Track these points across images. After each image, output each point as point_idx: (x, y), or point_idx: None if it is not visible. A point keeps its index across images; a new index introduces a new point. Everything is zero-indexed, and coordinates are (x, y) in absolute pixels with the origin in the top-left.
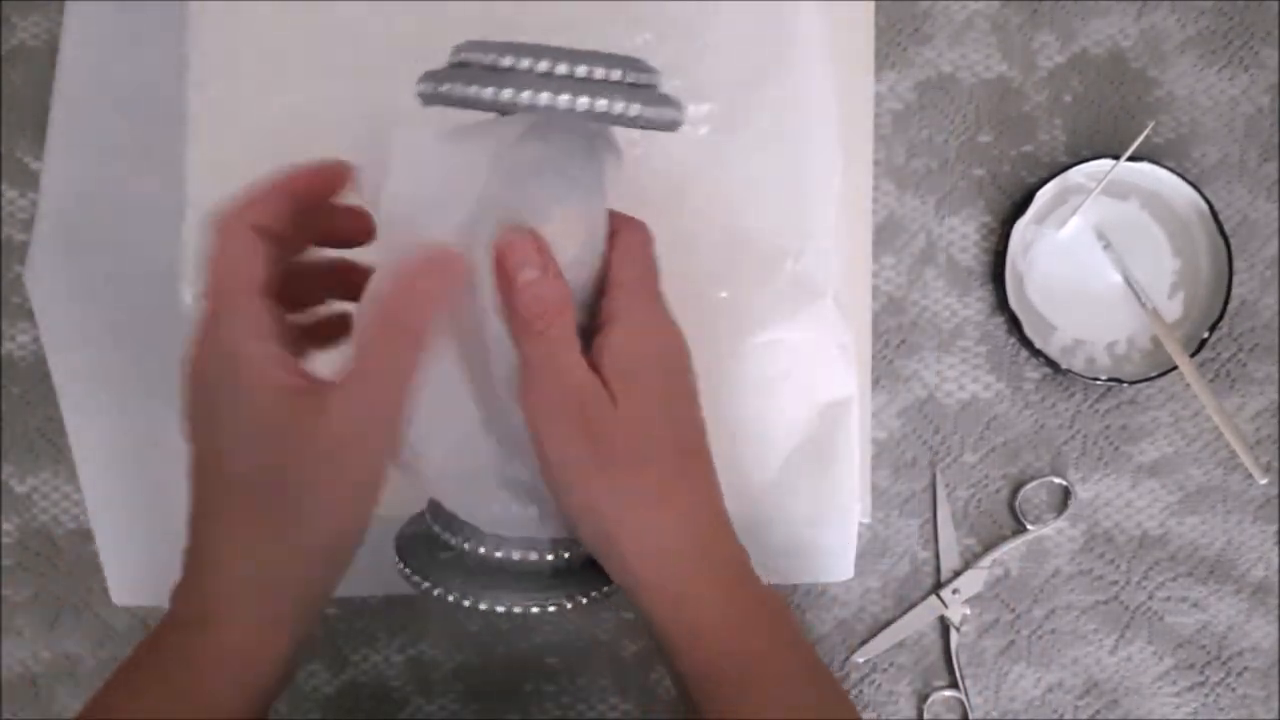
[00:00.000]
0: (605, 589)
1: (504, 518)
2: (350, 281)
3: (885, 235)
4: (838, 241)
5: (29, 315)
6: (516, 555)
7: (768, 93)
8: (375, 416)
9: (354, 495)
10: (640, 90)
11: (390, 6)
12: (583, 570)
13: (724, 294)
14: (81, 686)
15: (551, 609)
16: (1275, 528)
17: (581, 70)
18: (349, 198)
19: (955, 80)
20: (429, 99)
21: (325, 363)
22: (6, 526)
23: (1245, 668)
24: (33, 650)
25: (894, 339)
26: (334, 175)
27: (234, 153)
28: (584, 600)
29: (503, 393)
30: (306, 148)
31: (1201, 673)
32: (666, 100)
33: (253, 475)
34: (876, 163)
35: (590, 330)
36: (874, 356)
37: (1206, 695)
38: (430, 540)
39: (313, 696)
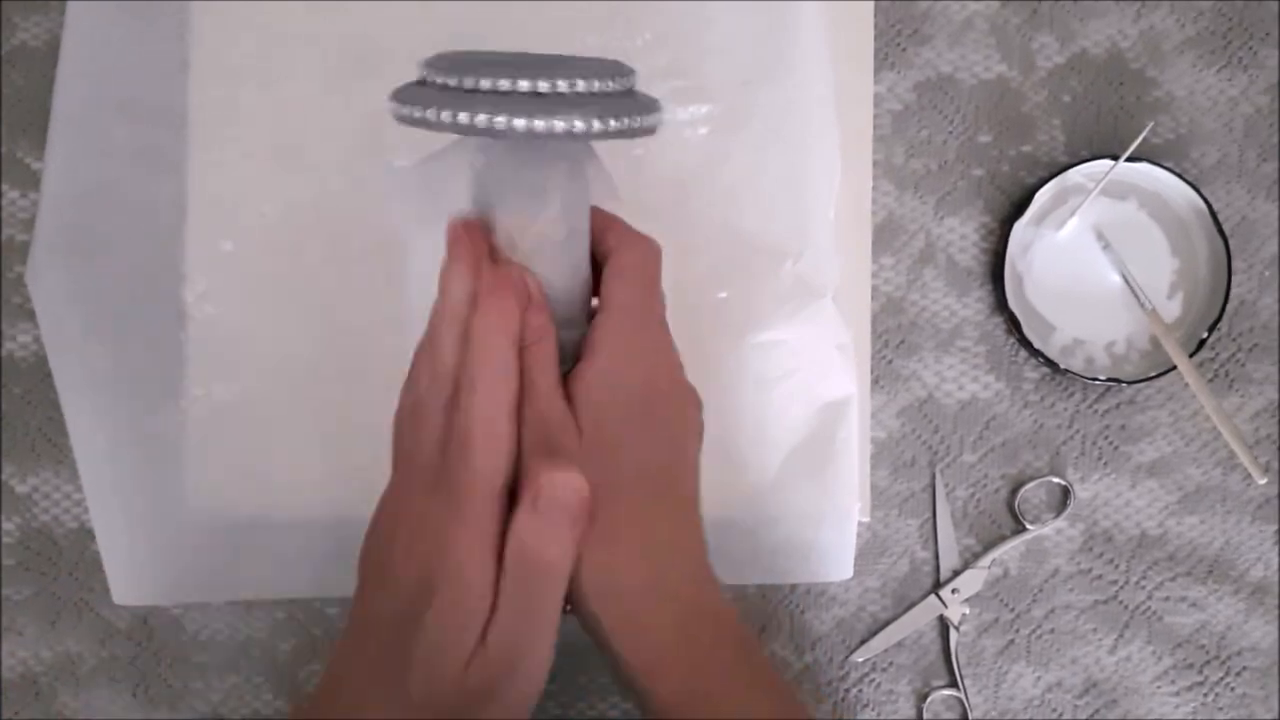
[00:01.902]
0: None
1: None
2: None
3: (885, 235)
4: (837, 241)
5: (29, 315)
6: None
7: (768, 93)
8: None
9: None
10: (611, 99)
11: (389, 7)
12: None
13: (724, 294)
14: (82, 686)
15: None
16: (1274, 528)
17: (544, 85)
18: None
19: (954, 81)
20: (399, 119)
21: None
22: (7, 526)
23: (1244, 667)
24: (33, 650)
25: (893, 339)
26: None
27: (234, 153)
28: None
29: None
30: (307, 148)
31: (1200, 672)
32: (640, 106)
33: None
34: (876, 163)
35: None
36: (874, 356)
37: (1205, 695)
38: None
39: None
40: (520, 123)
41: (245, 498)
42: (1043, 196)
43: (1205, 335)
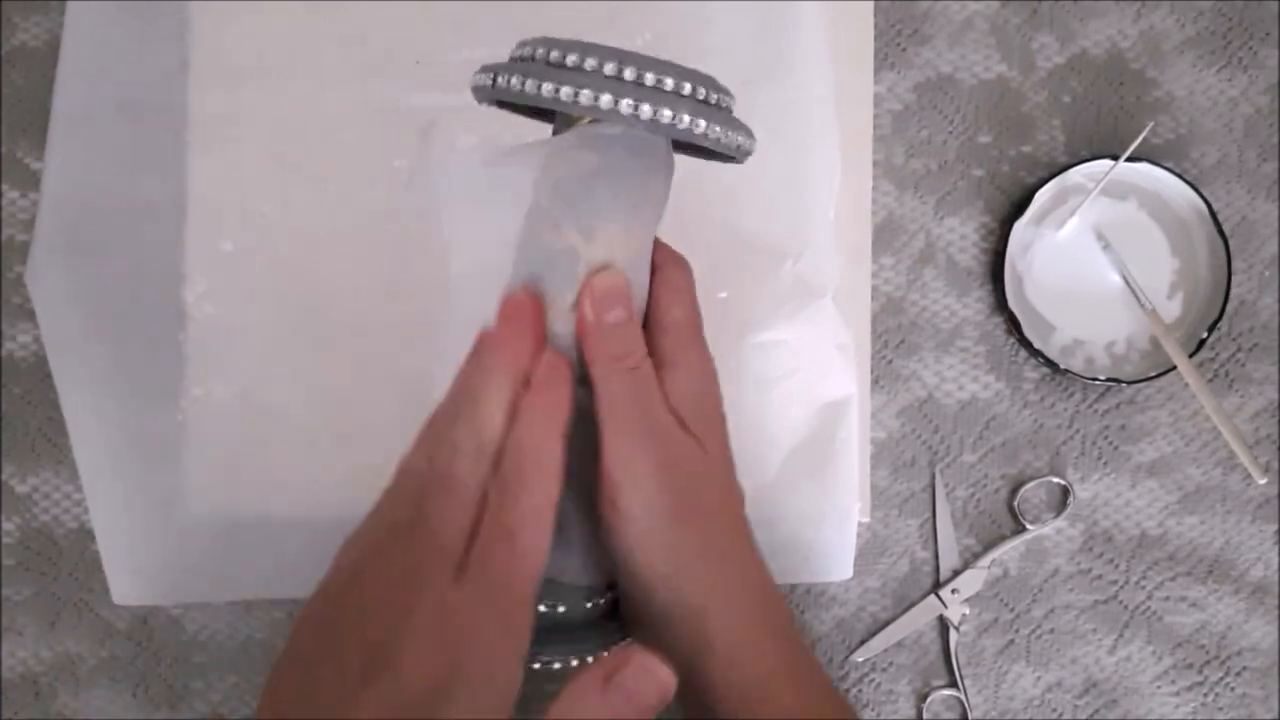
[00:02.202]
0: (627, 639)
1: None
2: None
3: (885, 235)
4: (837, 241)
5: (29, 315)
6: (543, 607)
7: (768, 93)
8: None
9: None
10: (713, 110)
11: (389, 7)
12: (604, 617)
13: (724, 294)
14: (82, 686)
15: (604, 654)
16: (1274, 527)
17: (651, 79)
18: None
19: (954, 81)
20: (485, 94)
21: None
22: (7, 526)
23: (1244, 667)
24: (33, 650)
25: (893, 339)
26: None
27: (234, 153)
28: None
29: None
30: (307, 148)
31: (1200, 672)
32: (738, 125)
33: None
34: (876, 163)
35: None
36: (873, 356)
37: (1205, 695)
38: None
39: None
40: (645, 108)
41: (245, 498)
42: (1043, 196)
43: (1205, 335)
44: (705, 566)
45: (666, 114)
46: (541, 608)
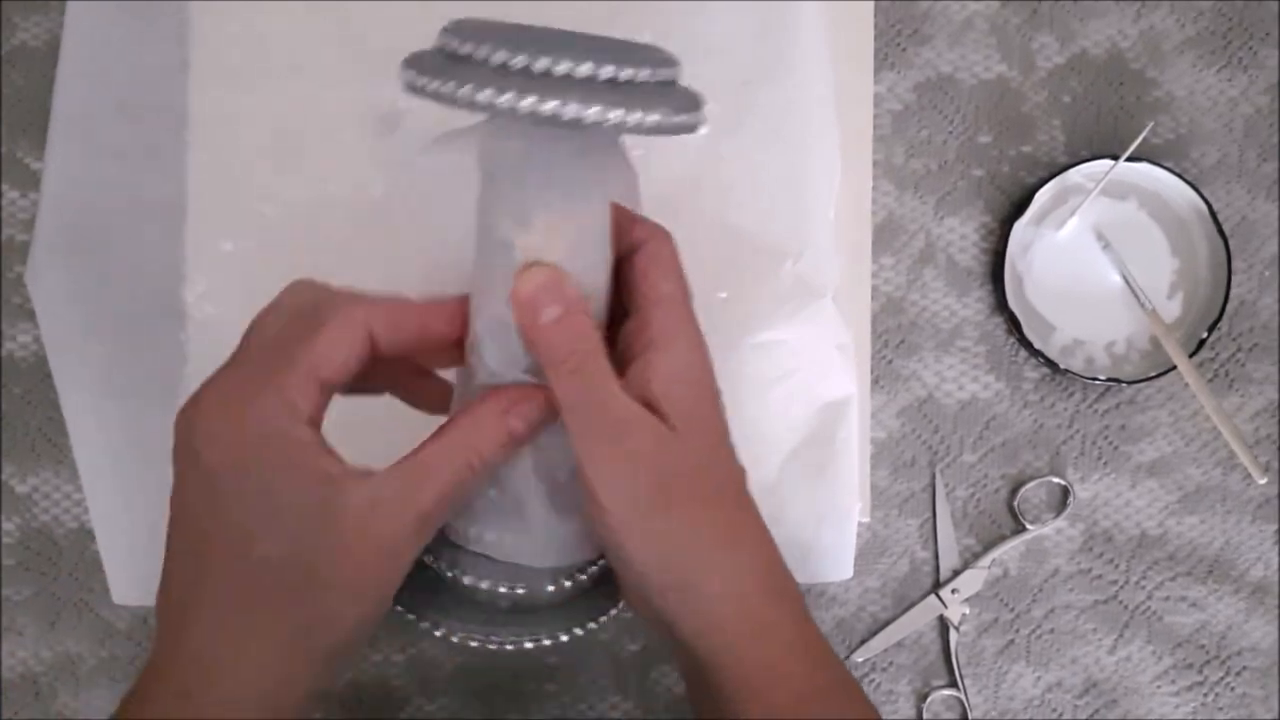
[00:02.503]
0: (602, 618)
1: (498, 545)
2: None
3: (885, 235)
4: (837, 241)
5: (29, 315)
6: (503, 588)
7: (767, 93)
8: (420, 518)
9: (381, 597)
10: (651, 89)
11: (389, 7)
12: (577, 597)
13: (724, 294)
14: (82, 686)
15: (563, 638)
16: (1274, 527)
17: (606, 70)
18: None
19: (954, 81)
20: (416, 91)
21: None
22: (7, 526)
23: (1244, 667)
24: (33, 650)
25: (893, 339)
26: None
27: (234, 153)
28: (587, 629)
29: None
30: (307, 148)
31: (1200, 672)
32: (679, 99)
33: (274, 564)
34: (876, 163)
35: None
36: (873, 356)
37: (1205, 695)
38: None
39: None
40: (593, 112)
41: None
42: (1043, 196)
43: (1205, 335)
44: (703, 549)
45: (556, 105)
46: (501, 589)
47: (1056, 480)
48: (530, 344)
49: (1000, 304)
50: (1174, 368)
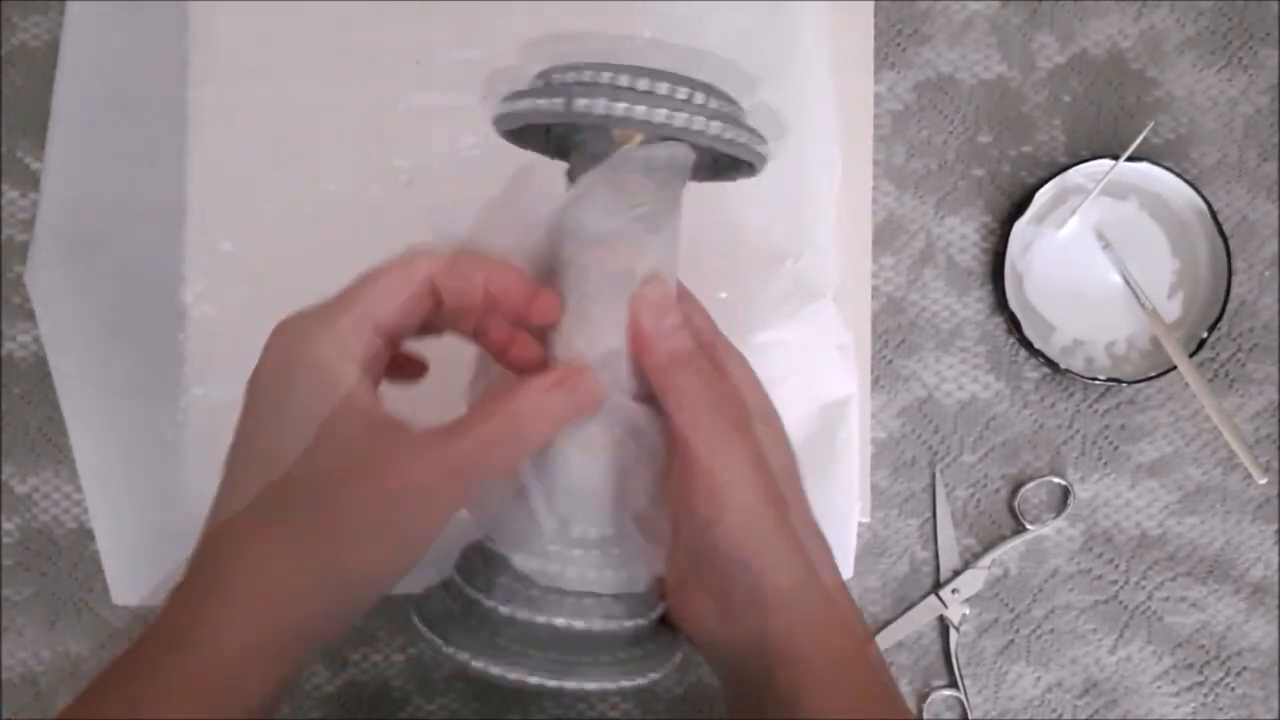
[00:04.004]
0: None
1: (572, 577)
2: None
3: (885, 235)
4: (838, 241)
5: (29, 315)
6: (598, 626)
7: (768, 93)
8: (461, 483)
9: (405, 546)
10: (743, 126)
11: (389, 7)
12: (654, 635)
13: (724, 294)
14: (81, 686)
15: (643, 681)
16: (1274, 527)
17: (700, 97)
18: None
19: (955, 81)
20: (508, 119)
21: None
22: (7, 526)
23: (1244, 667)
24: (33, 650)
25: (894, 339)
26: (533, 308)
27: (234, 153)
28: (665, 670)
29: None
30: (306, 147)
31: (1200, 672)
32: (754, 133)
33: (310, 490)
34: (876, 163)
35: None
36: (874, 356)
37: (1205, 695)
38: (462, 604)
39: (313, 695)
40: (741, 135)
41: None
42: (1043, 196)
43: (1205, 335)
44: (792, 546)
45: (716, 129)
46: (596, 627)
47: (1057, 480)
48: (654, 350)
49: (1000, 304)
50: (1174, 368)
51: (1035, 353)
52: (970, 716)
